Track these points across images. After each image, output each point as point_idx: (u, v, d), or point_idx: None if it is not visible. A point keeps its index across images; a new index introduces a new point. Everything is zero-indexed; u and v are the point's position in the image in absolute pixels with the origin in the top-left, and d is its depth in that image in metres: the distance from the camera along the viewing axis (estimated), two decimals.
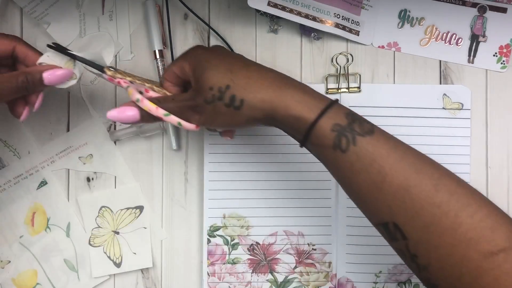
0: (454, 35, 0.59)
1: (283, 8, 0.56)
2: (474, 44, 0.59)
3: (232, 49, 0.59)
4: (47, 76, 0.45)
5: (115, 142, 0.59)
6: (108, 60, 0.58)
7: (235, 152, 0.57)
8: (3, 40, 0.46)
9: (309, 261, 0.57)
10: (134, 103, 0.46)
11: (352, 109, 0.56)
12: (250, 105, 0.43)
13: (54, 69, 0.46)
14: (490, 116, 0.59)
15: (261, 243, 0.57)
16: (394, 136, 0.43)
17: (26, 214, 0.58)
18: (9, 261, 0.58)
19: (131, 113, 0.45)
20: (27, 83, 0.45)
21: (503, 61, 0.59)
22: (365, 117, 0.44)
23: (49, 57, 0.47)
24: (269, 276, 0.57)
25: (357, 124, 0.42)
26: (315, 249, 0.57)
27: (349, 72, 0.58)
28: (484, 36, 0.59)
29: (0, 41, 0.46)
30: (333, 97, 0.57)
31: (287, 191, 0.57)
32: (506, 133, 0.59)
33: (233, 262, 0.57)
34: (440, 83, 0.59)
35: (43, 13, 0.58)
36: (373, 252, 0.56)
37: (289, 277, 0.57)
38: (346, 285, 0.57)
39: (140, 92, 0.46)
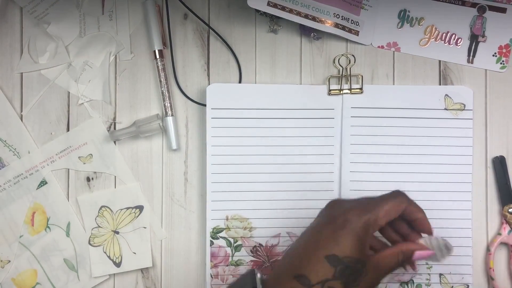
0: (454, 35, 0.59)
1: (283, 8, 0.56)
2: (474, 44, 0.59)
3: (232, 49, 0.59)
4: (418, 255, 0.46)
5: (115, 142, 0.59)
6: None
7: (237, 154, 0.57)
8: (394, 204, 0.46)
9: None
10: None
11: (355, 110, 0.57)
12: None
13: (425, 251, 0.47)
14: (489, 116, 0.59)
15: (264, 244, 0.57)
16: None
17: (26, 214, 0.58)
18: (9, 261, 0.58)
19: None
20: (403, 260, 0.46)
21: (503, 61, 0.59)
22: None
23: (425, 239, 0.48)
24: None
25: None
26: None
27: (350, 72, 0.58)
28: (483, 36, 0.59)
29: (393, 205, 0.46)
30: (335, 98, 0.57)
31: (290, 193, 0.57)
32: (506, 133, 0.59)
33: (236, 264, 0.57)
34: (440, 83, 0.59)
35: (43, 13, 0.58)
36: None
37: None
38: None
39: None
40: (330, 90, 0.58)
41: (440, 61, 0.59)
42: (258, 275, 0.44)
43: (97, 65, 0.59)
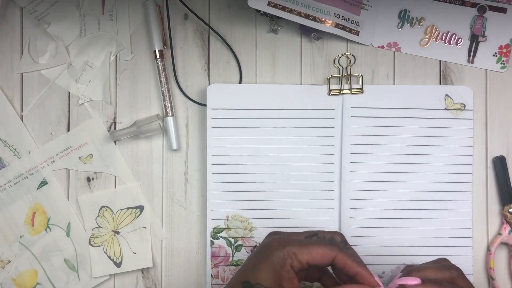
0: (454, 35, 0.59)
1: (283, 8, 0.56)
2: (474, 44, 0.59)
3: (232, 50, 0.59)
4: None
5: (115, 142, 0.59)
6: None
7: (237, 154, 0.57)
8: (324, 250, 0.45)
9: None
10: None
11: (355, 110, 0.57)
12: None
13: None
14: (490, 116, 0.59)
15: None
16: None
17: (26, 214, 0.58)
18: (9, 261, 0.58)
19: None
20: None
21: (503, 61, 0.59)
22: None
23: None
24: None
25: None
26: None
27: (350, 72, 0.58)
28: (483, 36, 0.59)
29: (321, 250, 0.45)
30: (335, 98, 0.57)
31: (290, 193, 0.57)
32: (506, 133, 0.59)
33: (237, 264, 0.57)
34: (440, 83, 0.59)
35: (43, 13, 0.58)
36: (376, 253, 0.56)
37: None
38: None
39: None
40: (330, 90, 0.58)
41: (440, 61, 0.59)
42: None
43: (97, 65, 0.59)
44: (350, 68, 0.58)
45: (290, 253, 0.44)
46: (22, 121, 0.58)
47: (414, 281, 0.44)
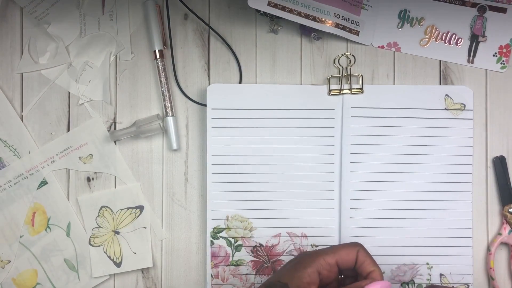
0: (454, 35, 0.59)
1: (283, 8, 0.56)
2: (474, 44, 0.59)
3: (232, 50, 0.59)
4: None
5: (115, 142, 0.59)
6: None
7: (237, 154, 0.57)
8: (349, 247, 0.48)
9: None
10: None
11: (355, 110, 0.57)
12: None
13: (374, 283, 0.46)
14: (490, 116, 0.59)
15: (264, 244, 0.57)
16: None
17: (26, 214, 0.58)
18: (9, 261, 0.58)
19: None
20: None
21: (503, 61, 0.59)
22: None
23: None
24: None
25: None
26: None
27: (350, 72, 0.58)
28: (484, 36, 0.59)
29: (346, 248, 0.48)
30: (335, 98, 0.57)
31: (290, 193, 0.57)
32: (506, 133, 0.59)
33: (237, 264, 0.57)
34: (440, 83, 0.59)
35: (43, 13, 0.58)
36: (376, 253, 0.56)
37: None
38: None
39: None
40: (330, 90, 0.58)
41: (440, 61, 0.59)
42: None
43: (97, 65, 0.59)
44: (350, 68, 0.58)
45: (319, 257, 0.47)
46: (22, 121, 0.58)
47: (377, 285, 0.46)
